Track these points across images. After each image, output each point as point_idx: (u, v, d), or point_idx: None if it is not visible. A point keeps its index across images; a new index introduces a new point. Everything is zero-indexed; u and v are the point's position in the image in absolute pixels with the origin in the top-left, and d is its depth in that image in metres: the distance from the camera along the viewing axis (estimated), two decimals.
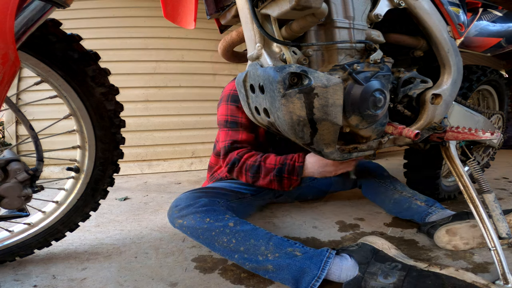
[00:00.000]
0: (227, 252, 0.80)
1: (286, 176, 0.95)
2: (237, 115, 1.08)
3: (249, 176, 1.00)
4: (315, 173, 0.94)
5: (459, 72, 0.86)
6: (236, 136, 1.06)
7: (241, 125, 1.07)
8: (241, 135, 1.06)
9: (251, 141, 1.08)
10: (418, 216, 1.07)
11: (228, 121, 1.09)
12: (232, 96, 1.10)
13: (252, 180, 1.01)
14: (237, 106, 1.08)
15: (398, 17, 0.81)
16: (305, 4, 0.55)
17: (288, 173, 0.95)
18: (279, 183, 0.97)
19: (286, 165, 0.95)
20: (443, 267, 0.68)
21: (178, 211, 0.90)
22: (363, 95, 0.67)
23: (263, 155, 1.01)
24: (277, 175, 0.95)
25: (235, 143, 1.05)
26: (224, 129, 1.09)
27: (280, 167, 0.95)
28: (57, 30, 0.71)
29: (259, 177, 0.99)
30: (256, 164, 0.99)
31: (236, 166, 1.02)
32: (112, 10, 2.46)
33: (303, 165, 0.94)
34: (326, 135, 0.66)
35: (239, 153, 1.03)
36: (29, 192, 0.69)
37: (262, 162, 0.98)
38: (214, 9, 0.83)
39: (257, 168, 0.98)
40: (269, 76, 0.61)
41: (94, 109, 0.80)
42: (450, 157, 0.92)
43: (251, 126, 1.09)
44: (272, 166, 0.96)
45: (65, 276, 0.82)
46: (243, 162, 1.01)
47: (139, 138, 2.49)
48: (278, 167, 0.95)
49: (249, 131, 1.08)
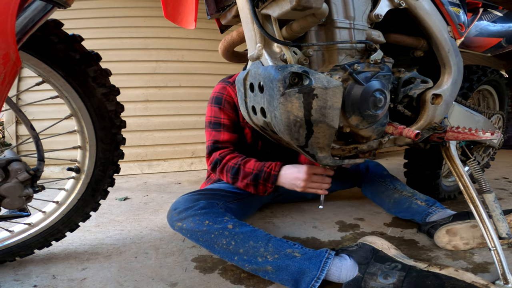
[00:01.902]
0: (227, 254, 0.81)
1: (262, 182, 0.99)
2: (219, 116, 1.12)
3: (229, 177, 1.04)
4: (286, 184, 0.97)
5: (460, 72, 0.86)
6: (218, 137, 1.10)
7: (223, 126, 1.12)
8: (222, 135, 1.10)
9: (233, 141, 1.12)
10: (418, 216, 1.07)
11: (211, 122, 1.13)
12: (215, 98, 1.14)
13: (232, 181, 1.05)
14: (220, 107, 1.12)
15: (398, 17, 0.81)
16: (306, 5, 0.55)
17: (263, 180, 0.98)
18: (254, 188, 1.01)
19: (262, 172, 0.98)
20: (443, 267, 0.68)
21: (177, 214, 0.90)
22: (364, 95, 0.67)
23: (244, 159, 1.04)
24: (253, 180, 0.99)
25: (217, 143, 1.10)
26: (208, 129, 1.14)
27: (257, 173, 0.99)
28: (58, 30, 0.71)
29: (238, 179, 1.02)
30: (236, 167, 1.02)
31: (218, 166, 1.07)
32: (112, 10, 2.46)
33: (278, 175, 0.98)
34: (321, 138, 0.66)
35: (221, 154, 1.07)
36: (30, 192, 0.69)
37: (242, 165, 1.02)
38: (215, 9, 0.83)
39: (237, 170, 1.02)
40: (270, 75, 0.61)
41: (95, 109, 0.80)
42: (450, 157, 0.92)
43: (234, 127, 1.13)
44: (250, 171, 1.00)
45: (65, 276, 0.82)
46: (225, 163, 1.05)
47: (139, 138, 2.49)
48: (255, 173, 0.99)
49: (232, 132, 1.12)
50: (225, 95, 1.13)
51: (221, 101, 1.12)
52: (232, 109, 1.13)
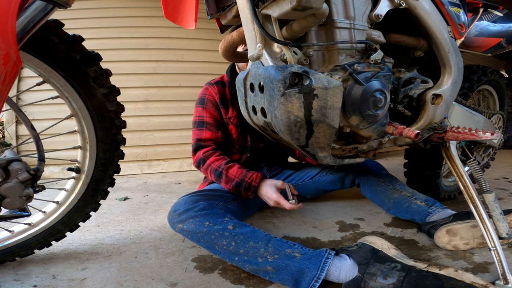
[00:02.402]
0: (227, 254, 0.81)
1: (243, 190, 1.06)
2: (202, 115, 1.20)
3: (213, 177, 1.12)
4: (263, 197, 1.05)
5: (460, 72, 0.86)
6: (200, 135, 1.18)
7: (206, 124, 1.19)
8: (205, 134, 1.18)
9: (215, 139, 1.19)
10: (418, 216, 1.07)
11: (196, 122, 1.22)
12: (199, 99, 1.23)
13: (216, 181, 1.13)
14: (203, 107, 1.21)
15: (398, 17, 0.81)
16: (306, 5, 0.55)
17: (244, 189, 1.05)
18: (237, 193, 1.09)
19: (244, 182, 1.05)
20: (443, 268, 0.68)
21: (177, 215, 0.91)
22: (364, 95, 0.67)
23: (227, 163, 1.11)
24: (235, 187, 1.06)
25: (199, 141, 1.17)
26: (193, 129, 1.22)
27: (239, 182, 1.06)
28: (59, 31, 0.71)
29: (221, 181, 1.10)
30: (219, 171, 1.10)
31: (201, 165, 1.14)
32: (112, 10, 2.46)
33: (258, 186, 1.04)
34: (321, 138, 0.66)
35: (205, 154, 1.14)
36: (31, 192, 0.69)
37: (224, 170, 1.09)
38: (215, 9, 0.83)
39: (220, 174, 1.09)
40: (270, 75, 0.61)
41: (96, 109, 0.80)
42: (450, 157, 0.92)
43: (216, 125, 1.21)
44: (232, 177, 1.07)
45: (65, 276, 0.82)
46: (209, 164, 1.13)
47: (139, 138, 2.49)
48: (236, 181, 1.06)
49: (214, 130, 1.20)
50: (207, 95, 1.22)
51: (204, 101, 1.22)
52: (214, 107, 1.21)
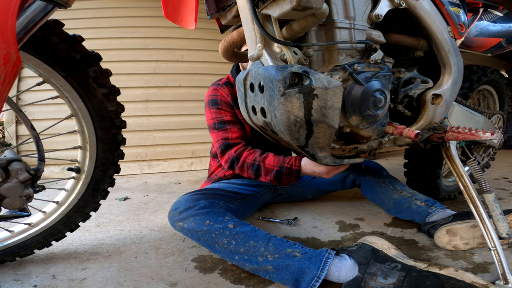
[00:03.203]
0: (228, 253, 0.81)
1: (285, 177, 1.00)
2: (221, 115, 1.15)
3: (251, 173, 1.06)
4: (310, 173, 0.98)
5: (460, 72, 0.86)
6: (227, 135, 1.12)
7: (228, 123, 1.14)
8: (231, 133, 1.13)
9: (243, 136, 1.14)
10: (418, 216, 1.07)
11: (215, 123, 1.15)
12: (211, 101, 1.18)
13: (255, 177, 1.06)
14: (218, 107, 1.16)
15: (398, 17, 0.81)
16: (306, 5, 0.55)
17: (286, 175, 1.00)
18: (279, 182, 1.02)
19: (284, 168, 1.00)
20: (443, 268, 0.68)
21: (178, 214, 0.91)
22: (364, 95, 0.67)
23: (262, 154, 1.05)
24: (276, 176, 1.01)
25: (227, 140, 1.12)
26: (214, 131, 1.15)
27: (279, 169, 1.00)
28: (59, 31, 0.71)
29: (261, 175, 1.04)
30: (256, 164, 1.04)
31: (236, 164, 1.08)
32: (112, 10, 2.46)
33: (300, 168, 0.99)
34: (321, 138, 0.66)
35: (237, 151, 1.08)
36: (31, 192, 0.69)
37: (261, 162, 1.03)
38: (215, 9, 0.83)
39: (257, 167, 1.04)
40: (270, 75, 0.61)
41: (96, 109, 0.80)
42: (450, 157, 0.92)
43: (239, 122, 1.16)
44: (271, 167, 1.01)
45: (65, 276, 0.82)
46: (243, 160, 1.06)
47: (139, 138, 2.49)
48: (276, 170, 1.01)
49: (239, 126, 1.15)
50: (219, 96, 1.17)
51: (217, 102, 1.17)
52: (229, 107, 1.16)
